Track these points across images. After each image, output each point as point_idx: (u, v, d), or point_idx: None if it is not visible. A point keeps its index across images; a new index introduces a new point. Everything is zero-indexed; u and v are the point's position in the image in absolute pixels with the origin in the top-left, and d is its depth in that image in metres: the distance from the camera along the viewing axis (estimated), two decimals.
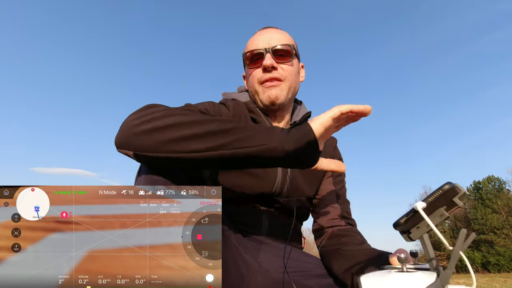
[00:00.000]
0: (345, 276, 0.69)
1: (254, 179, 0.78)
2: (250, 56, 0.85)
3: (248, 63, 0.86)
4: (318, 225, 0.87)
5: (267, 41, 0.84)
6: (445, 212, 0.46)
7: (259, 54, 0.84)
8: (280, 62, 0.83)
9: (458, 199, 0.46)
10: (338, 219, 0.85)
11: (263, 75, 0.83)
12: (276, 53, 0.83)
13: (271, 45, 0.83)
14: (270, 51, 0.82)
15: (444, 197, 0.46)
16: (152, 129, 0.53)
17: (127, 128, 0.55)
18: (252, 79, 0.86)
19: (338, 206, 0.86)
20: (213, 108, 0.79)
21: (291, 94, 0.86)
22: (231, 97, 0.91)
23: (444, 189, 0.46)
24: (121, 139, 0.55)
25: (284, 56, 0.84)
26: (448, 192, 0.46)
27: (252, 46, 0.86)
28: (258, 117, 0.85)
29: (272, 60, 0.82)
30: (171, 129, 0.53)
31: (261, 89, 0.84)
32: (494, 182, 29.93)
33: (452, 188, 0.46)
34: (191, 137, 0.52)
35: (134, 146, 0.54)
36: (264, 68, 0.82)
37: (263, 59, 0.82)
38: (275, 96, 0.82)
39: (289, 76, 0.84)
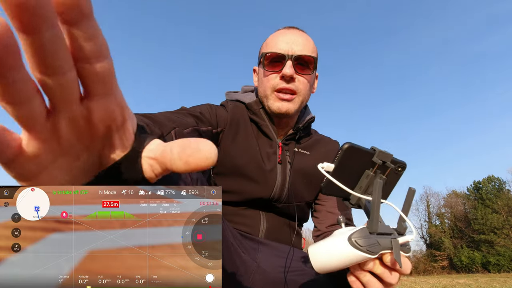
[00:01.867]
0: None
1: (253, 184, 0.78)
2: (269, 57, 0.80)
3: (266, 64, 0.81)
4: (318, 231, 0.87)
5: (290, 45, 0.79)
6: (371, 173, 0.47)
7: (279, 58, 0.79)
8: (300, 74, 0.79)
9: (377, 158, 0.46)
10: (337, 225, 0.85)
11: (279, 83, 0.79)
12: (298, 60, 0.79)
13: (295, 52, 0.78)
14: (292, 58, 0.77)
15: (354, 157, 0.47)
16: None
17: None
18: (266, 83, 0.82)
19: (338, 213, 0.86)
20: (210, 111, 0.78)
21: (302, 106, 0.84)
22: (234, 98, 0.90)
23: (344, 148, 0.47)
24: None
25: (305, 68, 0.80)
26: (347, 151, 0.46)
27: (274, 47, 0.80)
28: (261, 121, 0.83)
29: (292, 70, 0.77)
30: None
31: (273, 96, 0.81)
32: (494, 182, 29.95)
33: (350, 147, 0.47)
34: None
35: None
36: (282, 76, 0.78)
37: (283, 65, 0.78)
38: (286, 110, 0.80)
39: (304, 90, 0.81)
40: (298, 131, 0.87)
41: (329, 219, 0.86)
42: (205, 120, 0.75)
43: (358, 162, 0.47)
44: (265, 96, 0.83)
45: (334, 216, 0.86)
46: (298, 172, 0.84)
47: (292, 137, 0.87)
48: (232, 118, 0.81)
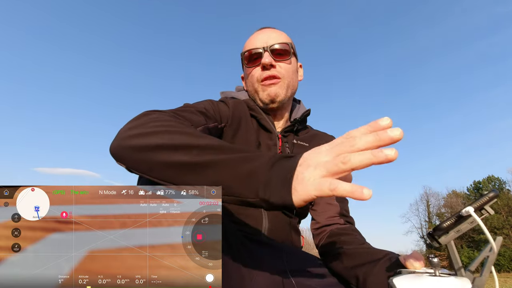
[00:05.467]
0: (349, 274, 0.69)
1: None
2: (248, 55, 0.86)
3: (247, 63, 0.87)
4: (317, 223, 0.87)
5: (265, 40, 0.85)
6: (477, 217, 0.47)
7: (257, 54, 0.84)
8: (279, 61, 0.84)
9: (489, 207, 0.46)
10: (337, 217, 0.85)
11: (262, 73, 0.83)
12: (274, 52, 0.83)
13: (269, 44, 0.84)
14: (268, 49, 0.83)
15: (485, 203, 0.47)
16: (142, 147, 0.51)
17: (120, 139, 0.53)
18: (251, 78, 0.86)
19: (337, 204, 0.86)
20: (213, 107, 0.79)
21: (290, 92, 0.87)
22: (230, 96, 0.91)
23: (491, 196, 0.47)
24: (114, 151, 0.54)
25: (282, 55, 0.85)
26: (491, 199, 0.47)
27: (250, 46, 0.86)
28: (258, 115, 0.85)
29: (270, 58, 0.82)
30: (161, 151, 0.49)
31: (260, 87, 0.84)
32: (494, 182, 29.93)
33: (496, 195, 0.47)
34: (179, 166, 0.47)
35: (126, 162, 0.53)
36: (263, 66, 0.83)
37: (262, 58, 0.83)
38: (275, 94, 0.83)
39: (287, 74, 0.85)
40: (295, 123, 0.89)
41: (328, 211, 0.86)
42: (210, 116, 0.76)
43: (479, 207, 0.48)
44: (254, 90, 0.86)
45: (333, 208, 0.86)
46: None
47: (290, 129, 0.89)
48: (234, 114, 0.82)
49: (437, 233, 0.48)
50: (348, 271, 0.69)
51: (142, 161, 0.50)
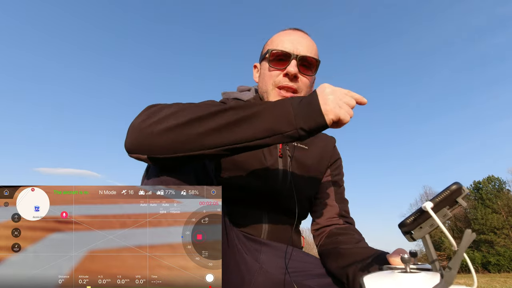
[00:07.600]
0: (341, 274, 0.69)
1: (255, 179, 0.78)
2: (275, 54, 0.82)
3: (271, 60, 0.82)
4: (317, 224, 0.87)
5: (295, 45, 0.81)
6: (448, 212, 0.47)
7: (285, 56, 0.81)
8: (303, 73, 0.81)
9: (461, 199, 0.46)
10: (336, 217, 0.85)
11: (282, 80, 0.81)
12: (301, 61, 0.80)
13: (300, 52, 0.80)
14: (297, 58, 0.79)
15: (450, 197, 0.47)
16: (170, 128, 0.52)
17: (138, 131, 0.53)
18: (268, 78, 0.83)
19: (336, 205, 0.86)
20: None
21: None
22: (232, 97, 0.90)
23: (452, 189, 0.47)
24: (134, 144, 0.53)
25: (308, 68, 0.82)
26: (455, 192, 0.46)
27: (280, 45, 0.82)
28: None
29: (296, 69, 0.79)
30: (198, 122, 0.53)
31: (275, 92, 0.82)
32: (494, 182, 29.93)
33: (459, 188, 0.47)
34: (213, 131, 0.52)
35: (150, 149, 0.52)
36: (286, 74, 0.80)
37: (288, 63, 0.80)
38: None
39: (305, 88, 0.82)
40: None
41: (329, 212, 0.86)
42: None
43: (447, 201, 0.48)
44: (266, 91, 0.84)
45: (333, 209, 0.86)
46: (298, 165, 0.84)
47: None
48: None
49: (403, 229, 0.49)
50: (341, 270, 0.69)
51: (174, 140, 0.52)
